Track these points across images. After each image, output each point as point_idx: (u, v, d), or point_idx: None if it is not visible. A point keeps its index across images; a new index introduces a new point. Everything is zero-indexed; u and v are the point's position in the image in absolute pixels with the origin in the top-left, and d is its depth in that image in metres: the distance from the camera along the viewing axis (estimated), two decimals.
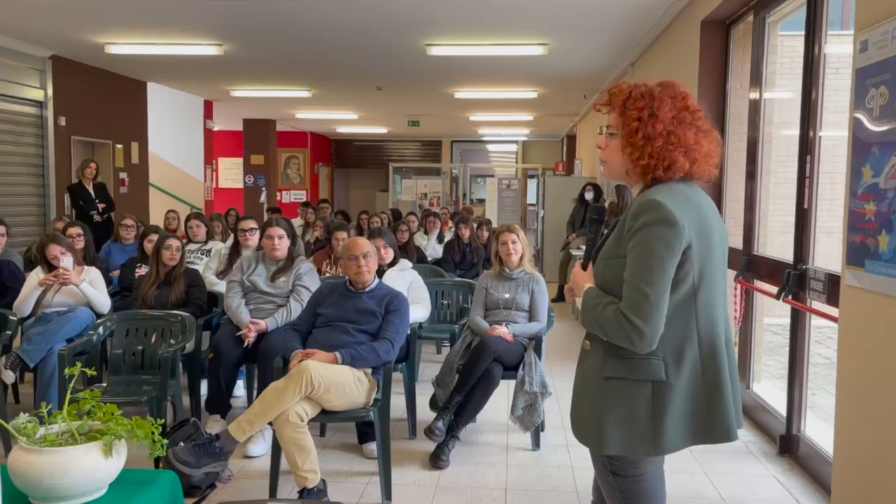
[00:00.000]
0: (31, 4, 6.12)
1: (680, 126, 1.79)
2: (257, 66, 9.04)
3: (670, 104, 1.80)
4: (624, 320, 1.70)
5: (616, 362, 1.80)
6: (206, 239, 6.19)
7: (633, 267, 1.72)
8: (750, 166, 4.70)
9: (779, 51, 4.99)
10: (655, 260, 1.69)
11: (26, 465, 1.52)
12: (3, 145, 7.69)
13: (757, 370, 4.72)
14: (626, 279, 1.73)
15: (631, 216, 1.75)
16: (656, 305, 1.68)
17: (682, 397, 1.77)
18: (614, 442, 1.80)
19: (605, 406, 1.80)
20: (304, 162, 18.71)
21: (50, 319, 4.29)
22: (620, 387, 1.79)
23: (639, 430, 1.78)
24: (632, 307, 1.70)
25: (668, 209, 1.69)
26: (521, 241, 4.22)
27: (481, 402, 3.90)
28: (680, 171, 1.79)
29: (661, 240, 1.69)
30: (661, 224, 1.69)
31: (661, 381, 1.76)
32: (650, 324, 1.68)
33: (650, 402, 1.77)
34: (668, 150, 1.78)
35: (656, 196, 1.73)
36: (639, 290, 1.69)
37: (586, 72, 9.07)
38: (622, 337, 1.72)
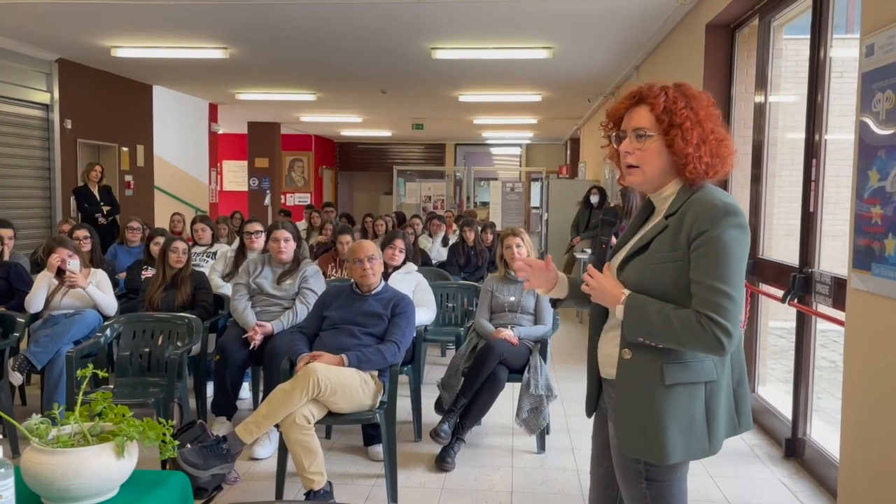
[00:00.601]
0: (38, 8, 6.15)
1: (718, 124, 1.80)
2: (262, 70, 9.08)
3: (705, 102, 1.80)
4: (711, 323, 1.66)
5: (677, 368, 1.76)
6: (212, 242, 6.21)
7: (713, 269, 1.68)
8: (755, 170, 4.71)
9: (784, 54, 5.00)
10: (737, 263, 1.69)
11: (39, 465, 1.53)
12: (10, 148, 7.73)
13: (762, 373, 4.72)
14: (703, 281, 1.69)
15: (706, 218, 1.70)
16: (739, 307, 1.69)
17: (725, 394, 1.81)
18: (678, 449, 1.76)
19: (667, 414, 1.75)
20: (308, 165, 18.75)
21: (57, 321, 4.31)
22: (682, 392, 1.76)
23: (697, 433, 1.77)
24: (716, 309, 1.66)
25: (743, 215, 1.72)
26: (526, 244, 4.23)
27: (487, 405, 3.91)
28: (728, 167, 1.81)
29: (740, 243, 1.70)
30: (739, 228, 1.70)
31: (713, 381, 1.78)
32: (737, 325, 1.68)
33: (704, 403, 1.77)
34: (720, 147, 1.78)
35: (728, 200, 1.74)
36: (723, 293, 1.66)
37: (591, 75, 9.08)
38: (708, 341, 1.67)
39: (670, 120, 1.77)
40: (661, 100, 1.78)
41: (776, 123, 4.72)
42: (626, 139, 1.84)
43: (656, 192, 1.88)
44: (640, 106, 1.82)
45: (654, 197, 1.91)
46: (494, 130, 16.92)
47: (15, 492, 1.49)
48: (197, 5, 5.97)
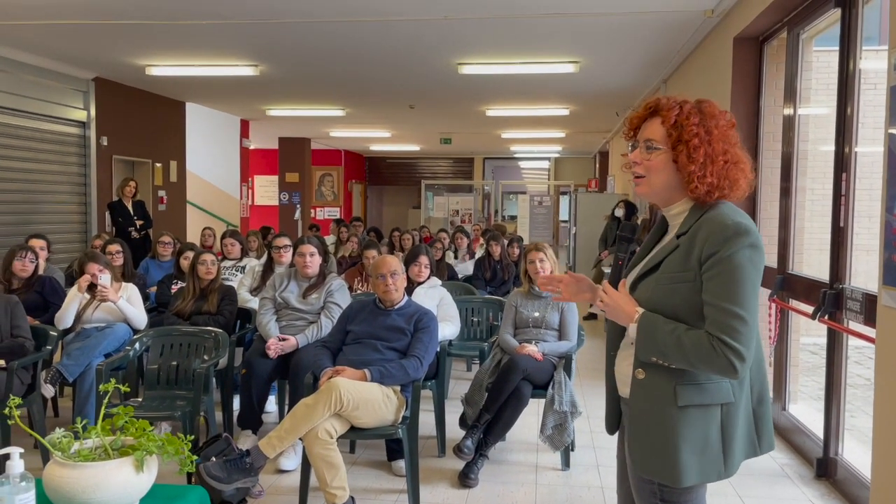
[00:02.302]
0: (76, 29, 6.33)
1: (734, 146, 1.77)
2: (292, 87, 9.21)
3: (722, 122, 1.78)
4: (723, 346, 1.63)
5: (690, 389, 1.73)
6: (241, 256, 6.29)
7: (725, 290, 1.65)
8: (784, 183, 4.64)
9: (815, 66, 4.93)
10: (750, 284, 1.66)
11: (60, 479, 1.56)
12: (48, 164, 7.94)
13: (793, 391, 4.63)
14: (715, 303, 1.66)
15: (717, 239, 1.67)
16: (753, 329, 1.66)
17: (743, 415, 1.77)
18: (692, 472, 1.73)
19: (680, 436, 1.73)
20: (337, 179, 18.93)
21: (89, 335, 4.40)
22: (696, 414, 1.73)
23: (712, 455, 1.74)
24: (728, 331, 1.63)
25: (757, 235, 1.68)
26: (550, 259, 4.22)
27: (511, 421, 3.88)
28: (740, 191, 1.77)
29: (753, 264, 1.66)
30: (752, 248, 1.66)
31: (730, 402, 1.74)
32: (749, 348, 1.64)
33: (720, 425, 1.74)
34: (730, 169, 1.75)
35: (740, 219, 1.70)
36: (736, 315, 1.64)
37: (618, 89, 9.05)
38: (720, 363, 1.64)
39: (679, 135, 1.75)
40: (674, 113, 1.77)
41: (806, 136, 4.66)
42: (637, 149, 1.84)
43: (667, 209, 1.87)
44: (655, 117, 1.82)
45: (666, 213, 1.90)
46: (523, 144, 16.92)
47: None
48: (228, 24, 6.09)
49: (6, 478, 1.50)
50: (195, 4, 5.52)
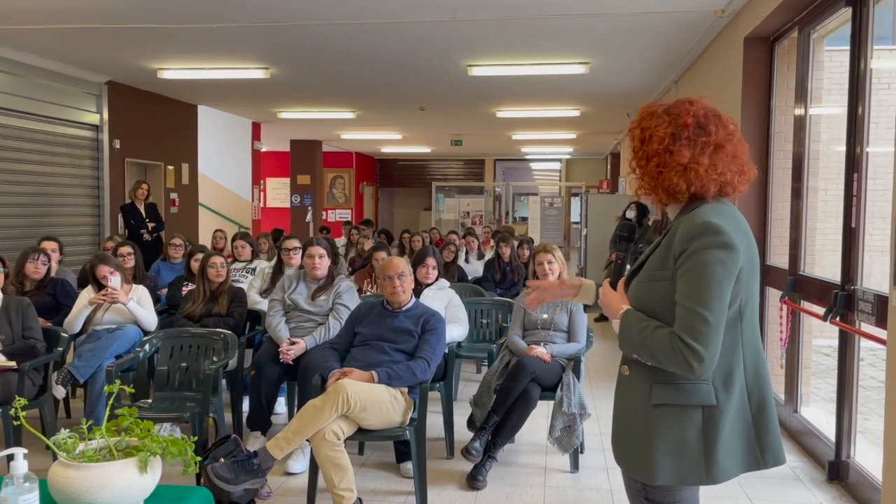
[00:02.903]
0: (89, 33, 6.39)
1: (674, 144, 1.75)
2: (303, 89, 9.25)
3: (667, 122, 1.77)
4: (681, 345, 1.64)
5: (665, 388, 1.74)
6: (252, 258, 6.32)
7: (691, 290, 1.66)
8: (795, 183, 4.60)
9: (828, 66, 4.89)
10: (715, 283, 1.64)
11: (65, 479, 1.57)
12: (61, 167, 8.01)
13: (805, 393, 4.59)
14: (682, 302, 1.67)
15: (684, 238, 1.69)
16: (716, 329, 1.64)
17: (733, 422, 1.73)
18: (665, 471, 1.74)
19: (653, 434, 1.74)
20: (349, 181, 18.98)
21: (100, 336, 4.43)
22: (670, 414, 1.73)
23: (691, 458, 1.72)
24: (690, 331, 1.64)
25: (728, 233, 1.66)
26: (558, 261, 4.21)
27: (519, 423, 3.87)
28: (678, 193, 1.76)
29: (721, 264, 1.65)
30: (720, 248, 1.65)
31: (711, 405, 1.72)
32: (710, 348, 1.63)
33: (701, 428, 1.72)
34: (659, 171, 1.77)
35: (712, 218, 1.69)
36: (697, 314, 1.64)
37: (629, 90, 9.02)
38: (679, 362, 1.66)
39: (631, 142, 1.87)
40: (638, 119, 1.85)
41: (818, 136, 4.62)
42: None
43: (667, 209, 1.89)
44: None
45: (669, 213, 1.93)
46: (534, 146, 16.91)
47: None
48: (239, 28, 6.12)
49: (10, 478, 1.51)
50: (206, 8, 5.55)
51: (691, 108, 1.77)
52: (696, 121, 1.76)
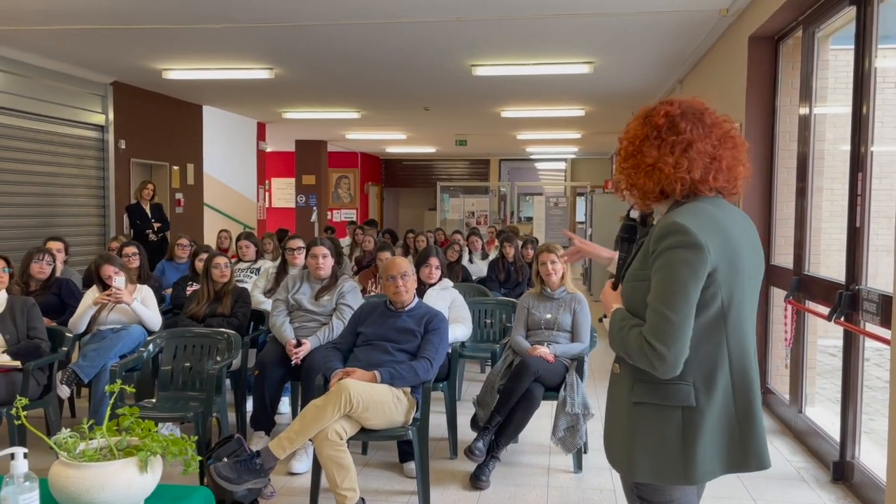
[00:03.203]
0: (94, 34, 6.41)
1: (644, 144, 1.78)
2: (307, 89, 9.26)
3: (642, 123, 1.80)
4: (646, 344, 1.67)
5: (645, 387, 1.76)
6: (256, 258, 6.33)
7: (657, 290, 1.68)
8: (800, 183, 4.59)
9: (833, 65, 4.87)
10: (679, 284, 1.65)
11: (65, 479, 1.58)
12: (67, 168, 8.04)
13: (810, 394, 4.57)
14: (650, 302, 1.69)
15: (655, 238, 1.71)
16: (679, 329, 1.64)
17: (714, 424, 1.72)
18: (644, 469, 1.76)
19: (634, 432, 1.77)
20: (354, 181, 19.00)
21: (104, 336, 4.44)
22: (650, 412, 1.75)
23: (670, 457, 1.73)
24: (654, 331, 1.66)
25: (693, 233, 1.65)
26: (561, 261, 4.20)
27: (522, 423, 3.87)
28: (649, 192, 1.78)
29: (686, 263, 1.65)
30: (685, 248, 1.65)
31: (691, 406, 1.72)
32: (672, 349, 1.64)
33: (681, 428, 1.72)
34: (632, 172, 1.80)
35: (679, 218, 1.69)
36: (661, 314, 1.65)
37: (634, 90, 9.00)
38: (645, 361, 1.69)
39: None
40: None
41: (822, 136, 4.60)
42: None
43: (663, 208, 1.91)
44: None
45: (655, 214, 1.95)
46: (538, 145, 16.88)
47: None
48: (243, 28, 6.13)
49: (11, 477, 1.52)
50: (210, 8, 5.57)
51: (668, 108, 1.78)
52: (668, 120, 1.76)
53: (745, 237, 1.77)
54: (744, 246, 1.75)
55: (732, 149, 1.77)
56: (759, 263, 1.82)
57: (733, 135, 1.79)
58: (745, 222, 1.82)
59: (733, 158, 1.77)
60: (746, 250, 1.75)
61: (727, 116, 1.83)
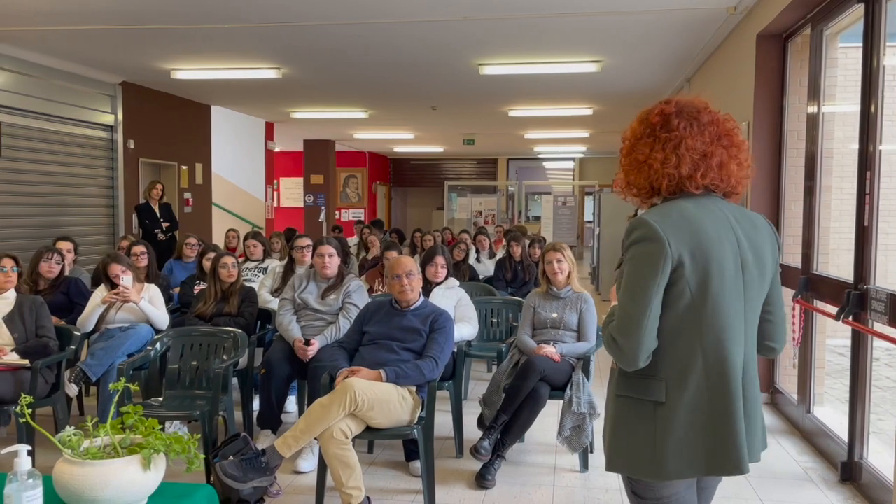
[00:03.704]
0: (102, 34, 6.45)
1: (639, 142, 1.82)
2: (315, 89, 9.28)
3: (638, 122, 1.85)
4: (610, 338, 1.74)
5: (623, 380, 1.81)
6: (264, 257, 6.35)
7: (623, 285, 1.73)
8: (808, 182, 4.56)
9: (842, 63, 4.84)
10: (638, 276, 1.68)
11: (69, 476, 1.59)
12: (77, 168, 8.09)
13: (818, 393, 4.54)
14: (618, 297, 1.76)
15: (624, 236, 1.77)
16: (636, 322, 1.67)
17: (685, 422, 1.71)
18: (618, 460, 1.80)
19: (613, 423, 1.83)
20: (362, 181, 19.02)
21: (112, 335, 4.47)
22: (626, 405, 1.79)
23: (640, 451, 1.75)
24: (616, 324, 1.72)
25: (652, 226, 1.68)
26: (567, 260, 4.19)
27: (528, 422, 3.86)
28: (641, 189, 1.82)
29: (645, 256, 1.68)
30: (644, 242, 1.68)
31: (661, 402, 1.73)
32: (629, 340, 1.68)
33: (652, 423, 1.73)
34: (629, 169, 1.84)
35: (645, 215, 1.73)
36: (622, 307, 1.71)
37: (642, 88, 8.97)
38: (613, 355, 1.75)
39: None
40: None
41: (831, 134, 4.58)
42: None
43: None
44: None
45: None
46: (546, 144, 16.85)
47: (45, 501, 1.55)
48: (250, 28, 6.15)
49: (14, 475, 1.53)
50: (217, 8, 5.59)
51: (664, 106, 1.80)
52: (662, 118, 1.78)
53: (728, 233, 1.73)
54: (723, 242, 1.71)
55: (728, 147, 1.76)
56: (758, 259, 1.76)
57: (732, 133, 1.78)
58: (742, 219, 1.78)
59: (727, 156, 1.76)
60: (728, 246, 1.71)
61: (729, 116, 1.82)
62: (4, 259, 4.00)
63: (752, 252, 1.75)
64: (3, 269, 3.96)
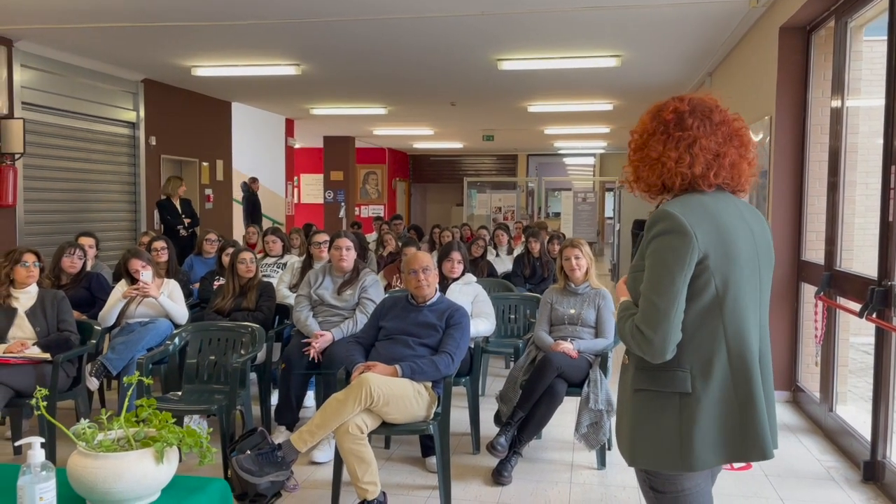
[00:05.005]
0: (124, 32, 6.51)
1: (651, 139, 1.84)
2: (334, 85, 9.30)
3: (651, 118, 1.87)
4: (636, 330, 1.73)
5: (643, 374, 1.80)
6: (283, 253, 6.38)
7: (647, 277, 1.73)
8: (832, 177, 4.49)
9: (868, 56, 4.74)
10: (665, 269, 1.69)
11: (82, 468, 1.60)
12: (100, 164, 8.18)
13: (841, 392, 4.47)
14: (641, 290, 1.74)
15: (647, 228, 1.77)
16: (665, 314, 1.68)
17: (712, 411, 1.74)
18: (644, 455, 1.79)
19: (635, 419, 1.81)
20: (382, 177, 19.06)
21: (133, 329, 4.51)
22: (648, 399, 1.79)
23: (667, 444, 1.75)
24: (642, 317, 1.71)
25: (679, 219, 1.69)
26: (585, 256, 4.16)
27: (544, 419, 3.85)
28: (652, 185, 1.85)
29: (672, 249, 1.69)
30: (671, 234, 1.69)
31: (687, 393, 1.74)
32: (658, 332, 1.68)
33: (678, 415, 1.74)
34: (639, 164, 1.87)
35: (668, 206, 1.74)
36: (648, 300, 1.71)
37: (663, 83, 8.88)
38: (636, 347, 1.74)
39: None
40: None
41: (856, 129, 4.49)
42: None
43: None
44: None
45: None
46: (566, 140, 16.76)
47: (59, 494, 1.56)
48: (270, 24, 6.18)
49: (28, 467, 1.54)
50: (237, 5, 5.61)
51: (677, 104, 1.83)
52: (676, 116, 1.81)
53: (744, 226, 1.79)
54: (740, 235, 1.76)
55: (738, 147, 1.81)
56: (765, 252, 1.83)
57: (741, 133, 1.82)
58: (749, 213, 1.84)
59: (738, 156, 1.81)
60: (744, 239, 1.77)
61: (737, 115, 1.86)
62: (26, 254, 4.05)
63: (762, 244, 1.83)
64: (25, 263, 4.01)
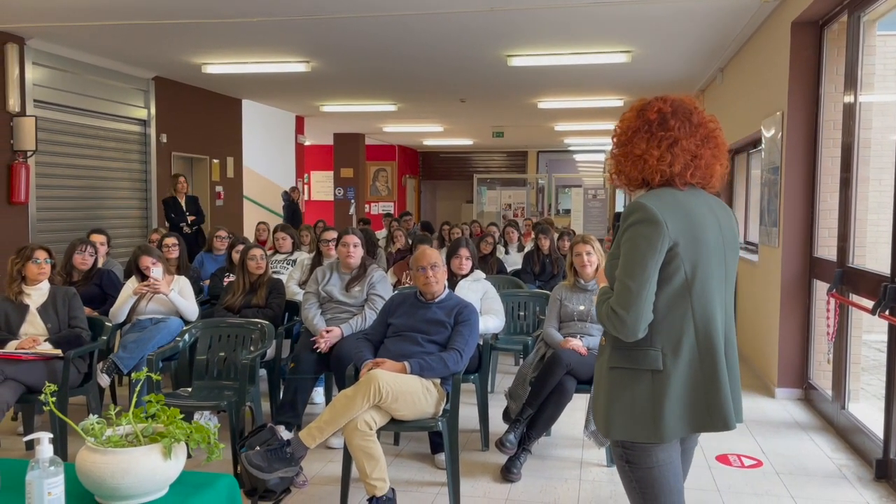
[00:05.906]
0: (135, 29, 6.54)
1: (635, 136, 1.96)
2: (344, 82, 9.30)
3: (635, 117, 1.99)
4: (611, 311, 1.87)
5: (619, 353, 1.93)
6: (293, 250, 6.39)
7: (622, 263, 1.87)
8: (844, 174, 4.44)
9: (882, 51, 4.70)
10: (638, 255, 1.84)
11: (91, 464, 1.61)
12: (111, 161, 8.23)
13: (854, 389, 4.44)
14: (616, 275, 1.89)
15: (622, 218, 1.92)
16: (637, 295, 1.83)
17: (680, 386, 1.89)
18: (619, 427, 1.93)
19: (611, 394, 1.95)
20: (392, 174, 19.07)
21: (144, 326, 4.54)
22: (623, 376, 1.93)
23: (640, 416, 1.90)
24: (617, 298, 1.86)
25: (651, 210, 1.84)
26: (596, 253, 4.14)
27: (553, 416, 3.83)
28: (632, 179, 1.98)
29: (644, 237, 1.84)
30: (643, 223, 1.84)
31: (658, 370, 1.88)
32: (631, 312, 1.83)
33: (650, 390, 1.89)
34: (621, 159, 1.99)
35: (642, 199, 1.88)
36: (622, 283, 1.85)
37: (673, 79, 8.83)
38: (612, 327, 1.88)
39: None
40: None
41: (869, 124, 4.45)
42: None
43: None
44: None
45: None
46: (577, 136, 16.70)
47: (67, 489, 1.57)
48: (279, 21, 6.19)
49: (36, 462, 1.55)
50: (246, 3, 5.63)
51: (661, 104, 1.96)
52: (659, 116, 1.95)
53: (712, 218, 1.94)
54: (708, 225, 1.92)
55: (713, 148, 1.96)
56: (731, 241, 1.99)
57: (716, 135, 1.97)
58: (717, 206, 2.00)
59: (713, 157, 1.96)
60: (712, 229, 1.92)
61: (713, 117, 2.00)
62: (38, 251, 4.07)
63: (728, 234, 1.99)
64: (37, 260, 4.03)
